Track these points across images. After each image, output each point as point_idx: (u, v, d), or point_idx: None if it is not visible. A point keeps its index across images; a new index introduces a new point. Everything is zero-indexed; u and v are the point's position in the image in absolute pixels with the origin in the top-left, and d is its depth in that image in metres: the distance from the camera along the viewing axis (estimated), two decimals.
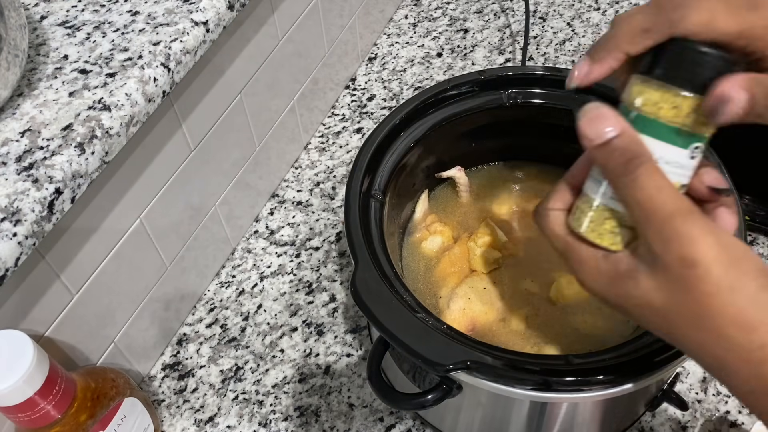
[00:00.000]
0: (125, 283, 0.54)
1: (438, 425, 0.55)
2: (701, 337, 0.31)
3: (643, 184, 0.32)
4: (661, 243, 0.31)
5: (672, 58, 0.33)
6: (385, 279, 0.46)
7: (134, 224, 0.54)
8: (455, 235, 0.60)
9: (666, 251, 0.31)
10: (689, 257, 0.31)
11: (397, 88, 0.86)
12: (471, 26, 0.93)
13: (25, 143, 0.42)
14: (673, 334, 0.33)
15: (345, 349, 0.62)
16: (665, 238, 0.31)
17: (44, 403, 0.41)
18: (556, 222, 0.38)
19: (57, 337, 0.48)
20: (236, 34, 0.60)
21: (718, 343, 0.31)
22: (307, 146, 0.80)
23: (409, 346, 0.42)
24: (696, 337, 0.32)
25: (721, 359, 0.31)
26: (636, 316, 0.34)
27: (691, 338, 0.32)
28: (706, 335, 0.31)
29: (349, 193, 0.52)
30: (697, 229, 0.31)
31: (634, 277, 0.33)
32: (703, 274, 0.30)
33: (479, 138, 0.61)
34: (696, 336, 0.32)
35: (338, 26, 0.80)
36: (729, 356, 0.31)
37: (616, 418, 0.53)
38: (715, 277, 0.30)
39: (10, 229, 0.38)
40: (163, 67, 0.48)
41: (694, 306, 0.31)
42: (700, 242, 0.30)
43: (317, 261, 0.69)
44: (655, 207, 0.32)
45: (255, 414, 0.59)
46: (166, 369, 0.62)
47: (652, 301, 0.32)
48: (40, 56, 0.48)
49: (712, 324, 0.31)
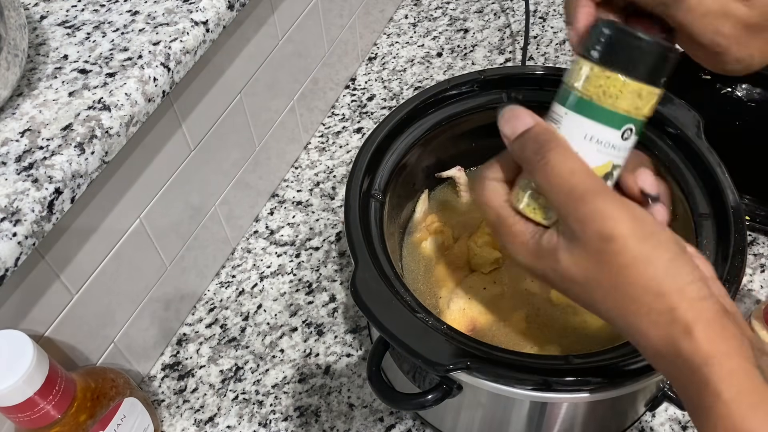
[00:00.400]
0: (125, 283, 0.54)
1: (438, 425, 0.55)
2: (617, 305, 0.33)
3: (555, 168, 0.34)
4: (577, 222, 0.33)
5: (607, 43, 0.34)
6: (385, 279, 0.46)
7: (134, 224, 0.54)
8: (455, 235, 0.60)
9: (583, 229, 0.33)
10: (606, 233, 0.32)
11: (397, 88, 0.86)
12: (471, 26, 0.93)
13: (24, 143, 0.42)
14: (593, 304, 0.35)
15: (345, 349, 0.62)
16: (581, 217, 0.33)
17: (44, 403, 0.41)
18: (494, 192, 0.38)
19: (57, 337, 0.48)
20: (236, 34, 0.60)
21: (632, 310, 0.32)
22: (307, 146, 0.80)
23: (409, 346, 0.42)
24: (613, 305, 0.33)
25: (634, 325, 0.33)
26: (559, 288, 0.36)
27: (609, 306, 0.34)
28: (622, 303, 0.33)
29: (349, 193, 0.52)
30: (612, 206, 0.32)
31: (555, 254, 0.35)
32: (619, 248, 0.32)
33: (479, 138, 0.61)
34: (613, 304, 0.33)
35: (338, 26, 0.80)
36: (642, 321, 0.32)
37: (616, 418, 0.53)
38: (631, 250, 0.32)
39: (10, 229, 0.38)
40: (162, 67, 0.48)
41: (611, 277, 0.33)
42: (616, 218, 0.32)
43: (317, 261, 0.69)
44: (569, 188, 0.33)
45: (255, 414, 0.58)
46: (165, 369, 0.62)
47: (573, 275, 0.34)
48: (40, 56, 0.48)
49: (627, 292, 0.32)
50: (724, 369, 0.30)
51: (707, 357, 0.30)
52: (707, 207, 0.51)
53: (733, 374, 0.29)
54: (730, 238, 0.47)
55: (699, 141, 0.53)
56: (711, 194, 0.51)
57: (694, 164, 0.53)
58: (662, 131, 0.55)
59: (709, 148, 0.53)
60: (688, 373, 0.31)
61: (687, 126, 0.54)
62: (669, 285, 0.32)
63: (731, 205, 0.49)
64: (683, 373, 0.31)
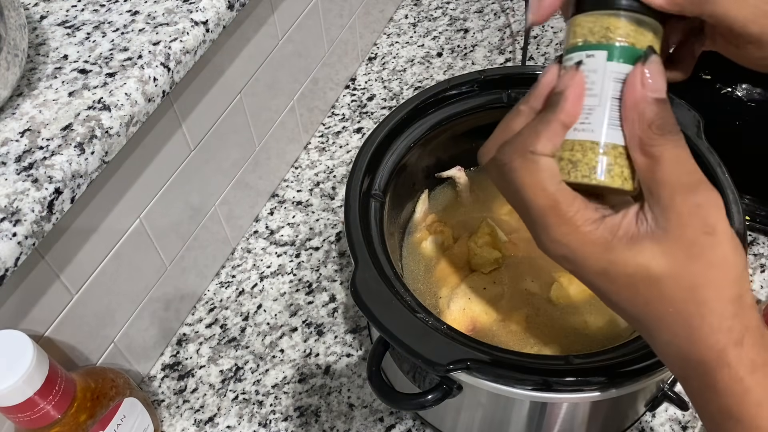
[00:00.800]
0: (125, 283, 0.54)
1: (438, 425, 0.55)
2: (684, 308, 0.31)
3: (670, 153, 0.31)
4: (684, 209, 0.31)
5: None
6: (385, 279, 0.46)
7: (134, 224, 0.54)
8: (455, 235, 0.60)
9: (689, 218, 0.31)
10: (711, 223, 0.31)
11: (397, 87, 0.86)
12: (471, 26, 0.93)
13: (24, 143, 0.42)
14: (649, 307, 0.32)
15: (345, 349, 0.62)
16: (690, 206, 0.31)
17: (44, 403, 0.41)
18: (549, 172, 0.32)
19: (57, 337, 0.48)
20: (236, 34, 0.60)
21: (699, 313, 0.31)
22: (307, 146, 0.80)
23: (409, 346, 0.42)
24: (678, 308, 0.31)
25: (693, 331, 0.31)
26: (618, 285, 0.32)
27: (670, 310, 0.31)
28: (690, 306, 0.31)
29: (349, 193, 0.52)
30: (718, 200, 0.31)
31: (637, 243, 0.31)
32: (718, 242, 0.31)
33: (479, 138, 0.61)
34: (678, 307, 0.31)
35: (338, 26, 0.80)
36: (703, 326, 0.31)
37: (616, 418, 0.53)
38: (726, 248, 0.31)
39: (10, 229, 0.38)
40: (162, 67, 0.48)
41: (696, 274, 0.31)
42: (720, 211, 0.31)
43: (317, 261, 0.69)
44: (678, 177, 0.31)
45: (255, 414, 0.58)
46: (165, 369, 0.62)
47: (652, 268, 0.31)
48: (40, 56, 0.48)
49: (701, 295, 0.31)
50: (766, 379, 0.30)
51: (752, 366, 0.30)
52: None
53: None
54: None
55: (699, 141, 0.53)
56: None
57: None
58: None
59: (709, 148, 0.53)
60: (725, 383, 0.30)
61: (687, 126, 0.54)
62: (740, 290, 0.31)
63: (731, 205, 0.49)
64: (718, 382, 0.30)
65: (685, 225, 0.31)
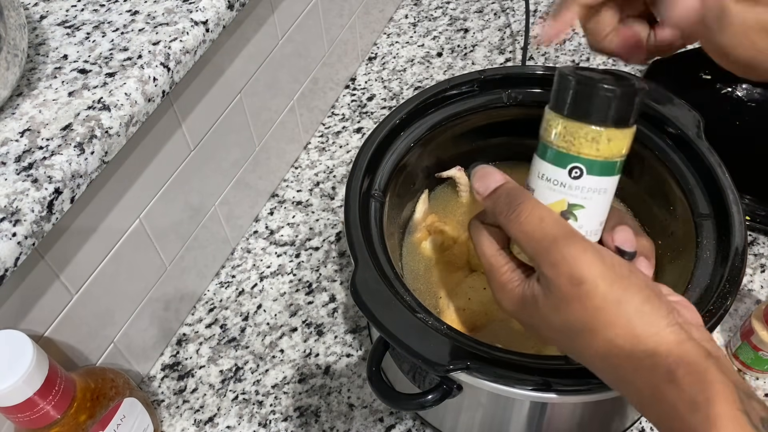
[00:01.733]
0: (125, 283, 0.54)
1: (438, 425, 0.55)
2: (600, 352, 0.33)
3: (526, 217, 0.35)
4: (550, 267, 0.33)
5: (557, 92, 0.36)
6: (385, 279, 0.46)
7: (134, 224, 0.54)
8: (455, 235, 0.60)
9: (556, 274, 0.33)
10: (576, 275, 0.33)
11: (397, 87, 0.86)
12: (471, 26, 0.93)
13: (24, 143, 0.42)
14: (579, 353, 0.35)
15: (345, 350, 0.62)
16: (553, 262, 0.33)
17: (44, 403, 0.41)
18: (488, 240, 0.39)
19: (56, 337, 0.48)
20: (236, 33, 0.60)
21: (614, 354, 0.32)
22: (307, 146, 0.80)
23: (409, 347, 0.42)
24: (595, 352, 0.33)
25: (619, 374, 0.33)
26: (546, 337, 0.37)
27: (593, 354, 0.34)
28: (602, 348, 0.33)
29: (349, 193, 0.52)
30: (580, 250, 0.33)
31: (536, 301, 0.35)
32: (590, 289, 0.32)
33: (479, 138, 0.61)
34: (595, 351, 0.33)
35: (338, 26, 0.80)
36: (625, 368, 0.32)
37: (616, 418, 0.53)
38: (602, 292, 0.32)
39: (10, 229, 0.38)
40: (162, 67, 0.48)
41: (588, 320, 0.33)
42: (585, 261, 0.33)
43: (317, 261, 0.69)
44: (539, 235, 0.34)
45: (255, 414, 0.58)
46: (165, 369, 0.62)
47: (553, 323, 0.35)
48: (40, 56, 0.48)
49: (605, 337, 0.32)
50: (710, 417, 0.29)
51: (692, 404, 0.30)
52: (707, 207, 0.51)
53: (720, 421, 0.29)
54: (730, 238, 0.47)
55: (699, 141, 0.53)
56: (711, 194, 0.51)
57: (694, 164, 0.53)
58: (662, 131, 0.55)
59: (709, 148, 0.53)
60: (674, 422, 0.30)
61: (687, 126, 0.54)
62: (645, 328, 0.32)
63: (731, 205, 0.49)
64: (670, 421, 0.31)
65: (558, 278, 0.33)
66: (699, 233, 0.49)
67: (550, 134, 0.36)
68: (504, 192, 0.37)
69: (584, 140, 0.35)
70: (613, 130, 0.35)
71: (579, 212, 0.37)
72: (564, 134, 0.35)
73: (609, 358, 0.33)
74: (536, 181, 0.37)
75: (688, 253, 0.49)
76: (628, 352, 0.32)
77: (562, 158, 0.36)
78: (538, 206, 0.35)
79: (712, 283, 0.46)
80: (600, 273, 0.32)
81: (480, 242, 0.39)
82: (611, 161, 0.36)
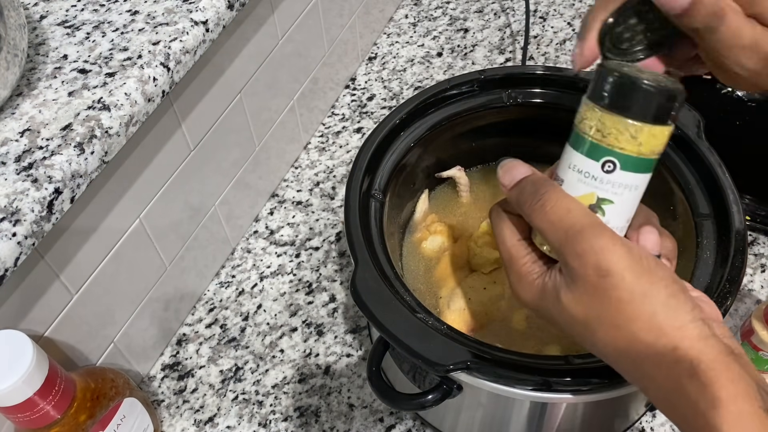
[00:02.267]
0: (125, 283, 0.54)
1: (438, 425, 0.55)
2: (621, 344, 0.33)
3: (552, 207, 0.34)
4: (576, 258, 0.33)
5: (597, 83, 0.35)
6: (385, 279, 0.46)
7: (134, 224, 0.54)
8: (455, 235, 0.60)
9: (581, 264, 0.33)
10: (603, 266, 0.32)
11: (397, 87, 0.86)
12: (471, 26, 0.93)
13: (24, 143, 0.42)
14: (598, 345, 0.34)
15: (345, 349, 0.62)
16: (579, 252, 0.33)
17: (44, 403, 0.41)
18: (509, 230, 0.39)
19: (56, 337, 0.48)
20: (236, 33, 0.60)
21: (636, 349, 0.32)
22: (307, 146, 0.80)
23: (409, 347, 0.42)
24: (616, 345, 0.33)
25: (639, 366, 0.33)
26: (564, 327, 0.36)
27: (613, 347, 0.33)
28: (625, 342, 0.33)
29: (349, 193, 0.52)
30: (608, 241, 0.33)
31: (557, 293, 0.35)
32: (617, 282, 0.32)
33: (479, 138, 0.61)
34: (616, 344, 0.33)
35: (338, 26, 0.80)
36: (645, 362, 0.32)
37: (616, 418, 0.53)
38: (629, 284, 0.32)
39: (10, 229, 0.38)
40: (162, 67, 0.48)
41: (611, 314, 0.32)
42: (613, 252, 0.32)
43: (317, 261, 0.69)
44: (566, 225, 0.34)
45: (255, 414, 0.58)
46: (165, 369, 0.62)
47: (575, 314, 0.34)
48: (40, 56, 0.48)
49: (629, 330, 0.32)
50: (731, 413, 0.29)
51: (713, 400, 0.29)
52: (707, 207, 0.51)
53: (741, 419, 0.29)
54: (730, 238, 0.47)
55: (699, 141, 0.53)
56: (711, 194, 0.51)
57: (694, 164, 0.53)
58: None
59: (709, 148, 0.53)
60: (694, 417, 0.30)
61: (687, 126, 0.54)
62: (669, 322, 0.31)
63: (731, 205, 0.49)
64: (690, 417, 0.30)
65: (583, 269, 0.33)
66: (699, 233, 0.49)
67: (586, 125, 0.35)
68: (529, 182, 0.37)
69: (623, 134, 0.34)
70: (653, 126, 0.34)
71: (607, 207, 0.36)
72: (601, 127, 0.35)
73: (630, 352, 0.32)
74: (566, 171, 0.36)
75: (688, 253, 0.49)
76: (650, 345, 0.31)
77: (596, 150, 0.35)
78: (565, 196, 0.35)
79: (713, 283, 0.46)
80: (627, 265, 0.32)
81: (501, 230, 0.39)
82: (647, 158, 0.35)
